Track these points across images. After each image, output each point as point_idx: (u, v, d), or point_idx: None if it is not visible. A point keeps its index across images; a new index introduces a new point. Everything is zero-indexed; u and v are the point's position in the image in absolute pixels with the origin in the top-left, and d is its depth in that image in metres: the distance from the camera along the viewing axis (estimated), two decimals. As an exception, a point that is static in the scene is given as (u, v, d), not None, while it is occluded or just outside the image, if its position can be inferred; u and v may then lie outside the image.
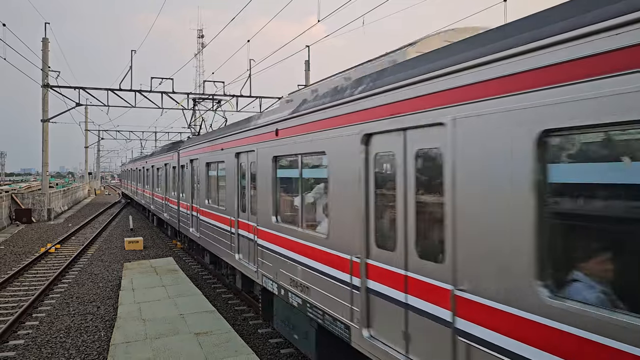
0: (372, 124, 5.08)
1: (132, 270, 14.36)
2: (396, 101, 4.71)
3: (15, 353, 8.66)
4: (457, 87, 3.92)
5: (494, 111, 3.54)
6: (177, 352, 7.75)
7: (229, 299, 12.16)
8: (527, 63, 3.26)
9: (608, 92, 2.75)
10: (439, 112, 4.10)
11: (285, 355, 8.48)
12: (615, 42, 2.73)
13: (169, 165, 19.58)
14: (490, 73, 3.57)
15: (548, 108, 3.11)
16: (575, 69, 2.94)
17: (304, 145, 6.71)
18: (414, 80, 4.42)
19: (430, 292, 4.32)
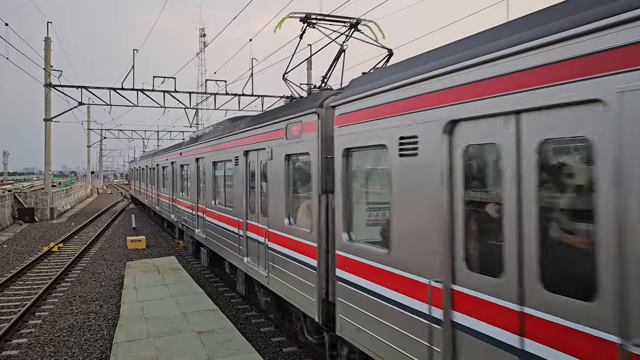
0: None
1: (134, 269, 14.38)
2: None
3: (19, 352, 8.68)
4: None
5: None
6: (180, 350, 7.76)
7: (231, 297, 12.16)
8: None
9: None
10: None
11: (287, 354, 8.47)
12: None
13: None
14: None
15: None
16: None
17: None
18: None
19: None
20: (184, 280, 12.85)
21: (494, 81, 3.59)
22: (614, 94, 2.71)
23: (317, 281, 6.48)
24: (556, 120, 3.13)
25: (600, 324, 2.79)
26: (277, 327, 9.78)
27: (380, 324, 4.97)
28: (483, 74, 3.67)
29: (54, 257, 18.08)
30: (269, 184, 8.30)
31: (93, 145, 73.32)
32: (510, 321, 3.49)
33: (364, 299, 5.30)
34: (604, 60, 2.77)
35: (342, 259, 5.88)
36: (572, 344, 3.00)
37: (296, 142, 7.11)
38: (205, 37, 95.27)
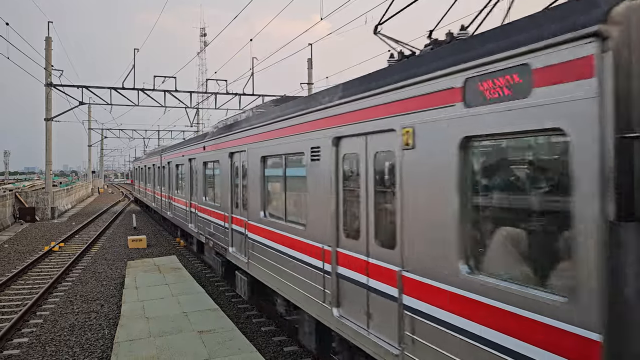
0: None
1: (135, 269, 14.40)
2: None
3: (20, 351, 8.69)
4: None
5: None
6: (181, 350, 7.77)
7: (232, 297, 12.17)
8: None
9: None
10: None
11: (288, 353, 8.48)
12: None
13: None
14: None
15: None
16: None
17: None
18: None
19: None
20: (185, 279, 12.86)
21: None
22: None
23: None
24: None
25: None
26: (277, 326, 9.79)
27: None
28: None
29: (55, 256, 18.10)
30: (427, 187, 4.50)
31: (94, 145, 73.36)
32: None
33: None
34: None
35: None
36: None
37: (507, 111, 3.56)
38: (206, 37, 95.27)
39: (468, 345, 3.93)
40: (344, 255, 5.96)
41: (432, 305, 4.37)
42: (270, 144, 8.33)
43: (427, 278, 4.43)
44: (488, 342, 3.74)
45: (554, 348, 3.23)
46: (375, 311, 5.30)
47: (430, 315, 4.39)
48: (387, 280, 5.06)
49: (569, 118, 3.08)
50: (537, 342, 3.34)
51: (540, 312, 3.31)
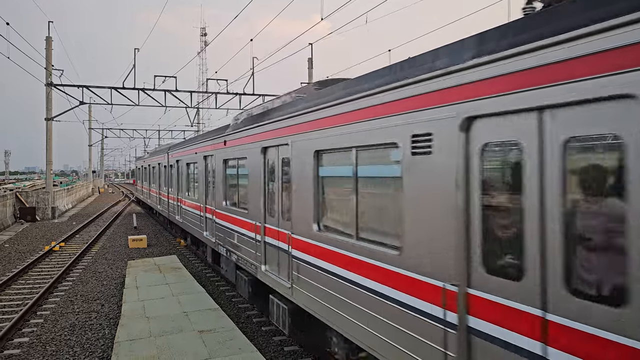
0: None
1: (136, 268, 14.40)
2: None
3: (20, 351, 8.70)
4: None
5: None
6: (181, 349, 7.77)
7: (232, 296, 12.17)
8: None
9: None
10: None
11: (288, 353, 8.48)
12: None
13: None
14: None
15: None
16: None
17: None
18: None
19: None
20: (185, 279, 12.86)
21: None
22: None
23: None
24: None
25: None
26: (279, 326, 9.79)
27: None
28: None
29: (56, 256, 18.10)
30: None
31: (94, 145, 73.35)
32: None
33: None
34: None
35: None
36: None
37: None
38: (206, 37, 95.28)
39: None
40: (487, 302, 3.82)
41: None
42: (330, 134, 6.18)
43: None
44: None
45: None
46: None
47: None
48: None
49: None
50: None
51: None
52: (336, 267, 6.13)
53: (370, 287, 5.36)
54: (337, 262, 6.12)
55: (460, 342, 4.01)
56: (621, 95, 2.79)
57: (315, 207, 6.76)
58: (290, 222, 7.58)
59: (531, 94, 3.36)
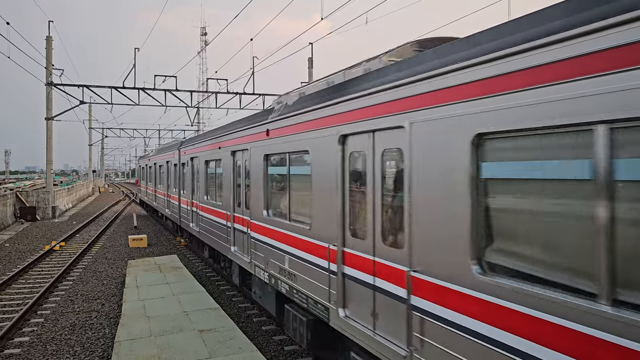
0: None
1: (136, 268, 14.41)
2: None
3: (21, 350, 8.70)
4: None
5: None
6: (181, 349, 7.77)
7: (232, 296, 12.18)
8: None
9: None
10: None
11: (289, 352, 8.49)
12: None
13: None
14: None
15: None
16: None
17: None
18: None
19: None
20: (186, 278, 12.87)
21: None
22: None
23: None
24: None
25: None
26: (278, 325, 9.79)
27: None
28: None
29: (56, 255, 18.11)
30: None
31: (94, 144, 73.39)
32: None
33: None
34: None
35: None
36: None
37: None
38: (207, 36, 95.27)
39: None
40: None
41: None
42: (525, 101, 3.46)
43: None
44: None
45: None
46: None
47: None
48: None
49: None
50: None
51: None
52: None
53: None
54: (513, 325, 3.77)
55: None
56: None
57: (476, 224, 4.01)
58: (410, 254, 4.74)
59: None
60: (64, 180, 76.72)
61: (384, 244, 5.28)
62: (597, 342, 2.91)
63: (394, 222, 5.14)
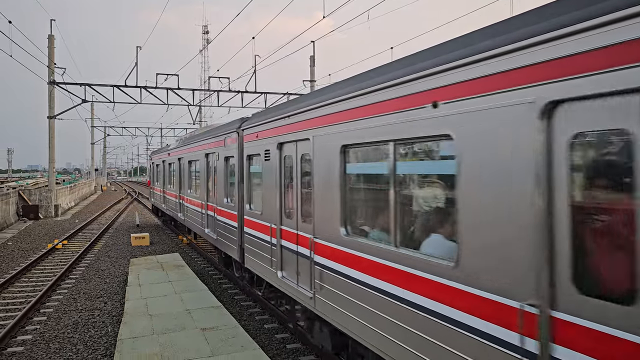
0: None
1: (138, 266, 14.42)
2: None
3: (24, 348, 8.72)
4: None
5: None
6: (184, 347, 7.77)
7: (235, 294, 12.18)
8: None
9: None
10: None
11: (291, 350, 8.48)
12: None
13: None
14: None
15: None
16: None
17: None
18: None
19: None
20: (188, 277, 12.88)
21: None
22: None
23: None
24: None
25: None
26: (280, 323, 9.79)
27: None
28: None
29: (58, 254, 18.15)
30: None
31: (97, 143, 73.56)
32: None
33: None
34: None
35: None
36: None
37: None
38: (208, 34, 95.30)
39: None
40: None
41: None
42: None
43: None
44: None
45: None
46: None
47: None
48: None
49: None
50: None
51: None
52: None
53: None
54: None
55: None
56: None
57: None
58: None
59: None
60: (66, 178, 76.88)
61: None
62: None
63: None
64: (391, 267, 5.01)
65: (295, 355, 8.32)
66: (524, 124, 3.36)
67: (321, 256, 6.63)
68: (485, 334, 3.72)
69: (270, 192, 8.64)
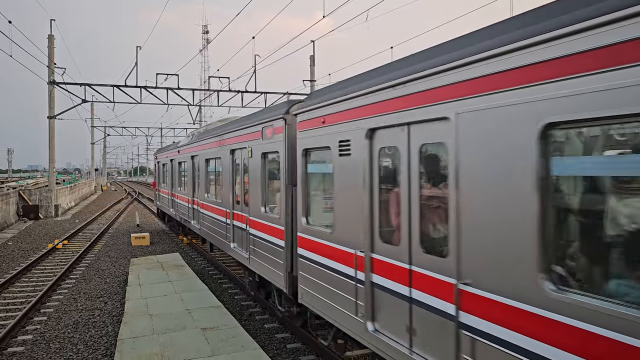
0: None
1: (138, 266, 14.43)
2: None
3: (24, 348, 8.72)
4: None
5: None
6: (184, 347, 7.78)
7: (235, 294, 12.19)
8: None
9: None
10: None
11: (291, 350, 8.49)
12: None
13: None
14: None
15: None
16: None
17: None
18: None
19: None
20: (188, 277, 12.88)
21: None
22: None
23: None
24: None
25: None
26: (281, 323, 9.80)
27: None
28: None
29: (59, 254, 18.15)
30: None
31: (97, 143, 73.56)
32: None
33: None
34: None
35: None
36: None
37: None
38: (208, 34, 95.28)
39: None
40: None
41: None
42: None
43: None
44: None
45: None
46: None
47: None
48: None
49: None
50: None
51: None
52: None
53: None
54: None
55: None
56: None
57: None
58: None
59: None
60: (66, 178, 76.90)
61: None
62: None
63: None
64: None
65: (295, 355, 8.32)
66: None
67: (481, 318, 3.99)
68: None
69: (349, 202, 6.09)
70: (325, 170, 6.89)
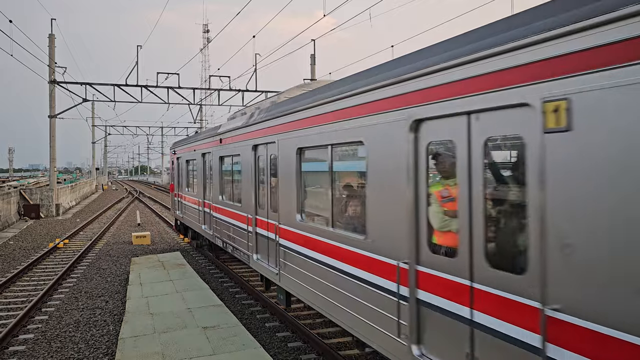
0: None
1: (139, 265, 14.44)
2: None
3: (25, 347, 8.73)
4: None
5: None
6: (185, 346, 7.79)
7: (236, 293, 12.19)
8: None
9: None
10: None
11: (292, 349, 8.49)
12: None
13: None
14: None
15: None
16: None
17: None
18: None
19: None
20: (189, 275, 12.89)
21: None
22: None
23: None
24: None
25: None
26: (281, 322, 9.81)
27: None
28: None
29: (60, 253, 18.16)
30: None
31: (97, 142, 73.61)
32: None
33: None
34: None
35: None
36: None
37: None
38: (209, 33, 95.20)
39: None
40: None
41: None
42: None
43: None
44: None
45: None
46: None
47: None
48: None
49: None
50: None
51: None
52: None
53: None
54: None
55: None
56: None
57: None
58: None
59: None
60: (67, 177, 76.99)
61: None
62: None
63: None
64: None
65: (296, 353, 8.33)
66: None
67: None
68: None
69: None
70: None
